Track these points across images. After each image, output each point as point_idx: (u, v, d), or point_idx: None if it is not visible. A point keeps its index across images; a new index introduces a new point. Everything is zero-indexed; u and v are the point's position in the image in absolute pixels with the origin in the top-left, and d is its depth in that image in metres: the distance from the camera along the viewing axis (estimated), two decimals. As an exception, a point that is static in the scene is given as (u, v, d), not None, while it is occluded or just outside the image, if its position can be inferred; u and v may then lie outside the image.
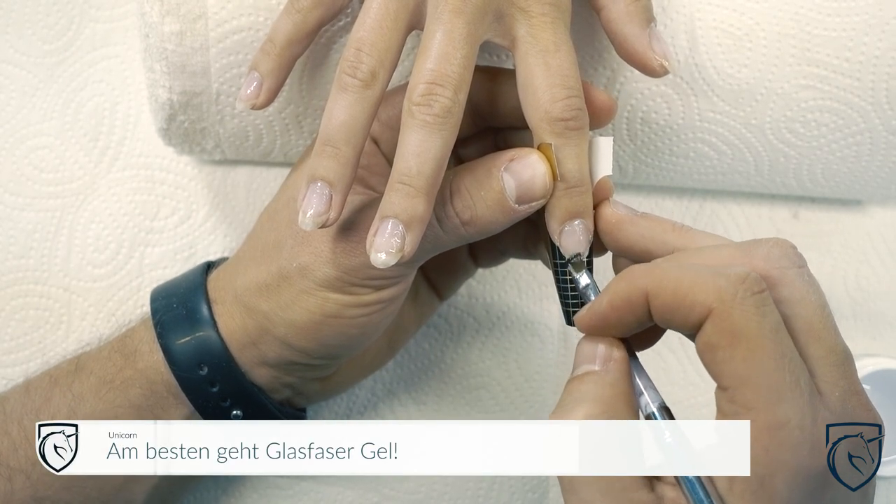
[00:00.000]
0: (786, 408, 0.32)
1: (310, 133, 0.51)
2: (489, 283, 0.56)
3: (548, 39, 0.39)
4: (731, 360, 0.33)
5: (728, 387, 0.33)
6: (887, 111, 0.48)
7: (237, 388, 0.44)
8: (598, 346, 0.37)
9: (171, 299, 0.45)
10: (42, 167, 0.56)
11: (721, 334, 0.33)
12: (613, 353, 0.36)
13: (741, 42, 0.47)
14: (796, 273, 0.35)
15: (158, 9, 0.46)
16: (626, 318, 0.36)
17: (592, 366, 0.36)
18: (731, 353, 0.33)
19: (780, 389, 0.32)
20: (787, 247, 0.36)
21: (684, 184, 0.54)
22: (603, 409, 0.35)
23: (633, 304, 0.35)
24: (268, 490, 0.55)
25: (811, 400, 0.33)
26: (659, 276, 0.35)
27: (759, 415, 0.32)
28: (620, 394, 0.36)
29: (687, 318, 0.34)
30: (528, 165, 0.39)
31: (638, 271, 0.36)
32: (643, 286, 0.35)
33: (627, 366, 0.37)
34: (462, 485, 0.55)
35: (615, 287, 0.36)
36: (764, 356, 0.32)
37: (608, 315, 0.36)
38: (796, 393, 0.32)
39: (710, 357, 0.33)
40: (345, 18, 0.45)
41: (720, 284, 0.33)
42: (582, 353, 0.37)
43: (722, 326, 0.33)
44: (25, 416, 0.45)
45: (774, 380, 0.32)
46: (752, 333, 0.33)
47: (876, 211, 0.57)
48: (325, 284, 0.42)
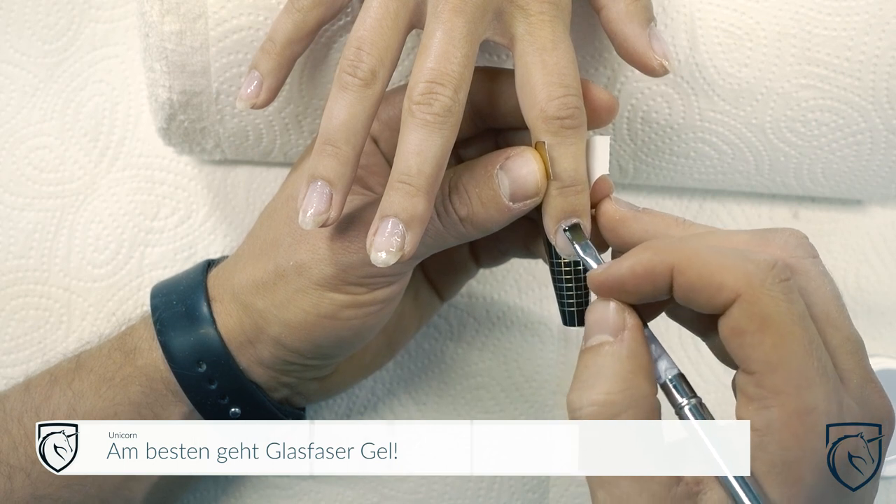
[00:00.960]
0: (814, 393, 0.32)
1: (310, 133, 0.51)
2: (489, 283, 0.56)
3: (545, 37, 0.39)
4: (760, 346, 0.33)
5: (755, 371, 0.33)
6: (888, 110, 0.48)
7: (235, 386, 0.44)
8: (610, 312, 0.36)
9: (171, 296, 0.45)
10: (42, 167, 0.56)
11: (750, 319, 0.33)
12: (627, 320, 0.36)
13: (741, 41, 0.47)
14: (811, 262, 0.35)
15: (158, 8, 0.46)
16: (643, 287, 0.35)
17: (606, 336, 0.36)
18: (761, 338, 0.33)
19: (809, 375, 0.32)
20: (801, 236, 0.36)
21: (684, 184, 0.54)
22: (624, 383, 0.34)
23: (655, 275, 0.35)
24: (268, 490, 0.55)
25: (836, 387, 0.33)
26: (688, 253, 0.34)
27: (788, 400, 0.32)
28: (639, 366, 0.35)
29: (712, 299, 0.34)
30: (522, 164, 0.39)
31: (665, 244, 0.35)
32: (670, 260, 0.34)
33: (642, 334, 0.36)
34: (462, 485, 0.55)
35: (640, 255, 0.35)
36: (793, 342, 0.33)
37: (626, 280, 0.35)
38: (823, 379, 0.33)
39: (737, 341, 0.33)
40: (345, 18, 0.45)
41: (749, 269, 0.33)
42: (593, 320, 0.36)
43: (751, 311, 0.33)
44: (25, 414, 0.45)
45: (803, 366, 0.32)
46: (781, 319, 0.33)
47: (876, 211, 0.57)
48: (321, 283, 0.42)
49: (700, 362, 0.55)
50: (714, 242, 0.36)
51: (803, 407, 0.32)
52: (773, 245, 0.35)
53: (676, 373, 0.36)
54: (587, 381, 0.35)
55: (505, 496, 0.55)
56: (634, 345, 0.35)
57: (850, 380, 0.34)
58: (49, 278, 0.55)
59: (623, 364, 0.35)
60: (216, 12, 0.46)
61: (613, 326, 0.36)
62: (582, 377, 0.35)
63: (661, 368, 0.36)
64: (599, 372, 0.35)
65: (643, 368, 0.35)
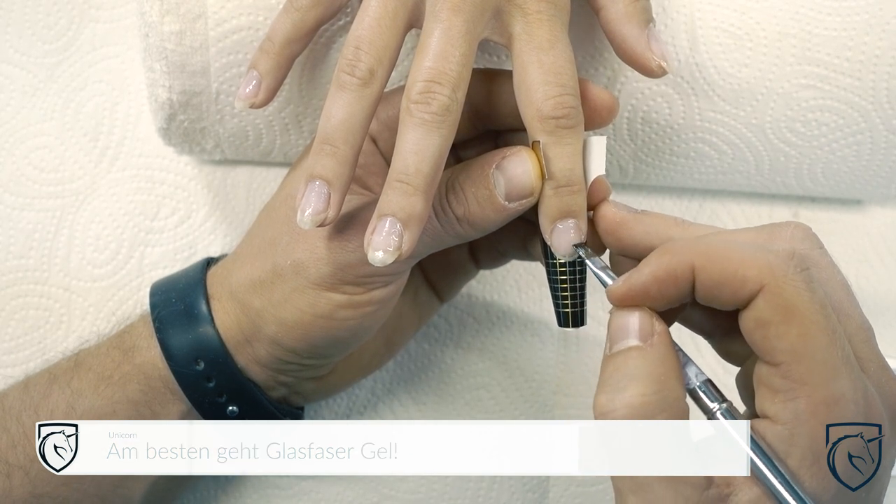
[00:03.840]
0: (841, 382, 0.32)
1: (310, 133, 0.51)
2: (489, 283, 0.56)
3: (543, 37, 0.39)
4: (785, 336, 0.33)
5: (781, 362, 0.33)
6: (888, 110, 0.48)
7: (233, 385, 0.44)
8: (636, 318, 0.35)
9: (170, 294, 0.46)
10: (42, 167, 0.56)
11: (774, 310, 0.33)
12: (656, 326, 0.35)
13: (742, 42, 0.47)
14: (820, 253, 0.35)
15: (158, 8, 0.46)
16: (667, 292, 0.35)
17: (634, 341, 0.35)
18: (786, 328, 0.33)
19: (835, 364, 0.32)
20: (806, 228, 0.36)
21: (684, 184, 0.54)
22: (657, 386, 0.34)
23: (677, 277, 0.35)
24: (268, 490, 0.55)
25: (860, 374, 0.33)
26: (707, 251, 0.34)
27: (815, 390, 0.32)
28: (671, 369, 0.35)
29: (736, 293, 0.33)
30: (517, 163, 0.39)
31: (684, 245, 0.35)
32: (689, 260, 0.34)
33: (671, 339, 0.36)
34: (462, 485, 0.55)
35: (659, 259, 0.35)
36: (818, 332, 0.32)
37: (649, 287, 0.35)
38: (848, 367, 0.33)
39: (761, 333, 0.33)
40: (344, 18, 0.46)
41: (771, 260, 0.33)
42: (618, 327, 0.36)
43: (775, 302, 0.33)
44: (24, 412, 0.45)
45: (829, 355, 0.32)
46: (805, 309, 0.33)
47: (876, 211, 0.57)
48: (318, 282, 0.42)
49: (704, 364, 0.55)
50: (721, 238, 0.36)
51: (831, 396, 0.32)
52: (782, 238, 0.36)
53: (705, 378, 0.36)
54: (618, 383, 0.34)
55: (505, 496, 0.55)
56: (665, 349, 0.35)
57: (868, 368, 0.34)
58: (49, 278, 0.55)
59: (656, 366, 0.35)
60: (216, 12, 0.46)
61: (642, 331, 0.35)
62: (612, 380, 0.35)
63: (690, 374, 0.36)
64: (632, 374, 0.34)
65: (674, 372, 0.35)
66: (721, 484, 0.33)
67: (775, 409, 0.33)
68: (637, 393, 0.34)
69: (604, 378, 0.35)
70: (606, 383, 0.35)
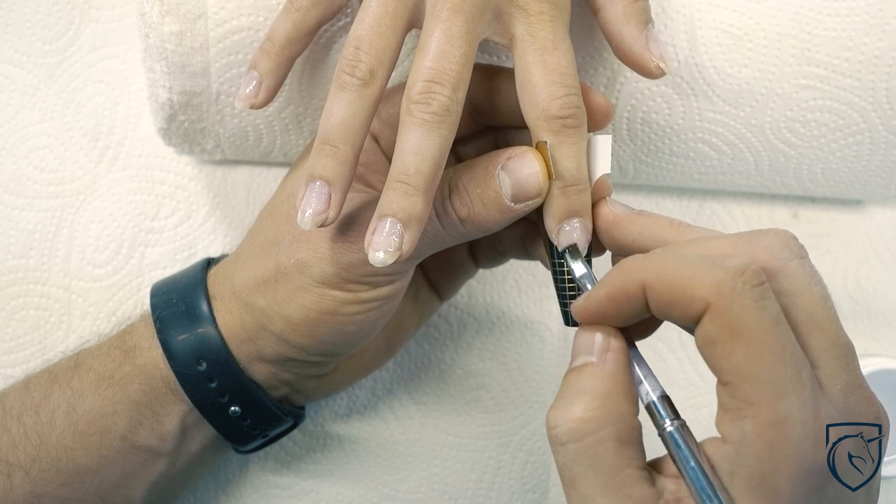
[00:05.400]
0: (787, 403, 0.32)
1: (310, 133, 0.51)
2: (489, 283, 0.56)
3: (546, 37, 0.39)
4: (731, 355, 0.32)
5: (728, 382, 0.33)
6: (887, 111, 0.48)
7: (235, 385, 0.44)
8: (595, 336, 0.36)
9: (171, 295, 0.46)
10: (42, 167, 0.56)
11: (720, 329, 0.32)
12: (611, 344, 0.36)
13: (741, 42, 0.47)
14: (798, 264, 0.35)
15: (158, 9, 0.46)
16: (623, 310, 0.35)
17: (590, 357, 0.36)
18: (731, 347, 0.32)
19: (782, 384, 0.32)
20: (787, 237, 0.35)
21: (684, 184, 0.54)
22: (602, 402, 0.34)
23: (630, 295, 0.34)
24: (268, 490, 0.55)
25: (813, 394, 0.32)
26: (656, 268, 0.34)
27: (760, 410, 0.32)
28: (619, 385, 0.35)
29: (685, 311, 0.33)
30: (523, 164, 0.39)
31: (634, 263, 0.35)
32: (640, 278, 0.34)
33: (626, 356, 0.36)
34: (462, 485, 0.55)
35: (612, 278, 0.35)
36: (764, 351, 0.32)
37: (605, 306, 0.35)
38: (798, 387, 0.32)
39: (709, 352, 0.33)
40: (344, 18, 0.46)
41: (718, 277, 0.32)
42: (580, 343, 0.36)
43: (721, 321, 0.32)
44: (25, 412, 0.45)
45: (775, 374, 0.32)
46: (751, 328, 0.32)
47: (876, 211, 0.57)
48: (322, 281, 0.42)
49: (699, 362, 0.55)
50: (694, 250, 0.36)
51: (776, 417, 0.32)
52: (757, 248, 0.35)
53: (660, 394, 0.35)
54: (567, 399, 0.35)
55: (505, 496, 0.55)
56: (616, 365, 0.35)
57: (832, 385, 0.33)
58: (49, 278, 0.55)
59: (603, 383, 0.35)
60: (216, 13, 0.46)
61: (597, 348, 0.36)
62: (563, 396, 0.35)
63: (643, 391, 0.36)
64: (580, 390, 0.35)
65: (623, 388, 0.35)
66: (671, 499, 0.34)
67: (725, 427, 0.33)
68: (583, 408, 0.34)
69: (558, 394, 0.35)
70: (558, 398, 0.35)
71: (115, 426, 0.44)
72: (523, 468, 0.55)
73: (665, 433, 0.35)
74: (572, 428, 0.34)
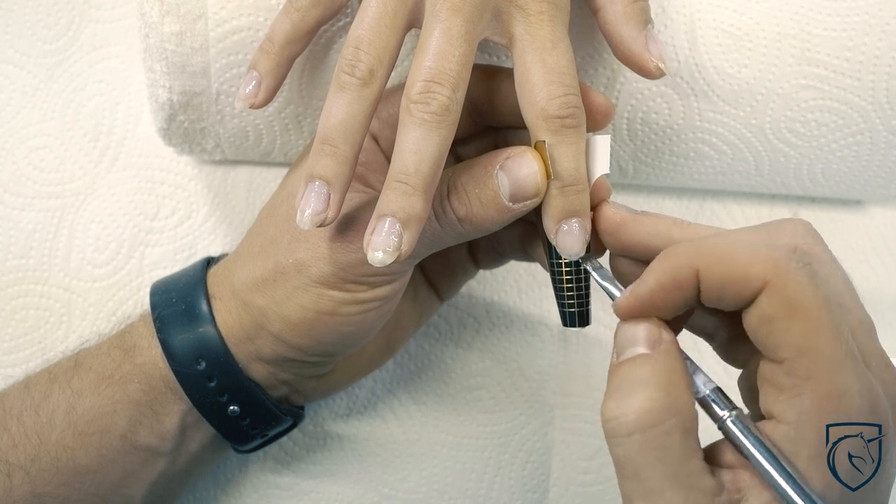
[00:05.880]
0: (846, 377, 0.32)
1: (310, 133, 0.51)
2: (489, 283, 0.56)
3: (545, 37, 0.39)
4: (789, 331, 0.32)
5: (785, 359, 0.33)
6: (887, 111, 0.48)
7: (234, 384, 0.44)
8: (643, 328, 0.35)
9: (171, 294, 0.46)
10: (42, 167, 0.56)
11: (778, 305, 0.33)
12: (663, 335, 0.35)
13: (741, 42, 0.47)
14: (822, 249, 0.35)
15: (158, 9, 0.46)
16: (673, 298, 0.35)
17: (642, 348, 0.35)
18: (789, 324, 0.32)
19: (840, 359, 0.32)
20: (807, 225, 0.36)
21: (684, 184, 0.54)
22: (665, 391, 0.34)
23: (681, 282, 0.34)
24: (268, 490, 0.55)
25: (864, 369, 0.33)
26: (709, 252, 0.34)
27: (819, 385, 0.32)
28: (679, 377, 0.34)
29: (741, 292, 0.33)
30: (522, 163, 0.39)
31: (686, 248, 0.35)
32: (692, 263, 0.34)
33: (679, 347, 0.35)
34: (462, 485, 0.55)
35: (661, 267, 0.35)
36: (821, 326, 0.32)
37: (655, 296, 0.35)
38: (852, 360, 0.32)
39: (765, 329, 0.33)
40: (344, 18, 0.46)
41: (774, 256, 0.33)
42: (626, 336, 0.36)
43: (779, 297, 0.33)
44: (25, 412, 0.45)
45: (832, 349, 0.32)
46: (809, 304, 0.32)
47: (876, 211, 0.57)
48: (320, 281, 0.42)
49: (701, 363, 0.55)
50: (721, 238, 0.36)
51: (835, 390, 0.32)
52: (784, 234, 0.35)
53: (714, 386, 0.35)
54: (626, 390, 0.34)
55: (505, 496, 0.55)
56: (673, 357, 0.35)
57: (870, 362, 0.34)
58: (49, 278, 0.55)
59: (665, 373, 0.34)
60: (216, 13, 0.46)
61: (649, 340, 0.35)
62: (620, 387, 0.34)
63: (699, 382, 0.35)
64: (640, 380, 0.34)
65: (683, 379, 0.34)
66: (731, 489, 0.33)
67: (780, 407, 0.33)
68: (646, 398, 0.33)
69: (612, 386, 0.35)
70: (615, 390, 0.34)
71: (114, 425, 0.44)
72: (523, 468, 0.55)
73: (726, 423, 0.34)
74: (638, 418, 0.33)
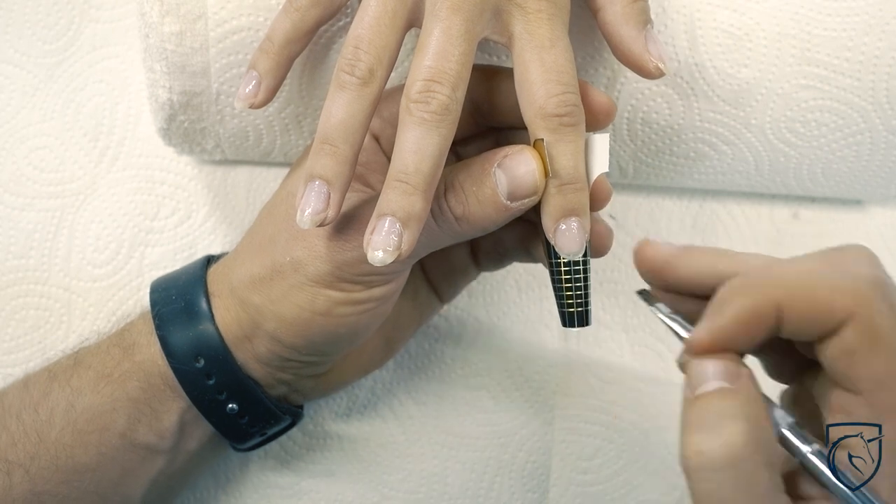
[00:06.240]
0: None
1: (310, 133, 0.51)
2: (489, 283, 0.56)
3: (544, 35, 0.39)
4: (870, 363, 0.32)
5: (865, 391, 0.32)
6: (887, 111, 0.48)
7: (233, 382, 0.44)
8: (722, 362, 0.34)
9: (170, 291, 0.46)
10: (42, 167, 0.56)
11: (862, 338, 0.32)
12: (741, 370, 0.34)
13: (741, 42, 0.47)
14: (886, 276, 0.34)
15: (158, 9, 0.46)
16: (754, 333, 0.34)
17: (722, 382, 0.34)
18: (872, 357, 0.32)
19: None
20: (870, 253, 0.35)
21: (684, 184, 0.54)
22: (752, 426, 0.33)
23: (762, 316, 0.33)
24: (268, 490, 0.55)
25: None
26: (791, 284, 0.33)
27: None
28: (761, 410, 0.34)
29: (825, 325, 0.32)
30: (520, 162, 0.39)
31: (763, 283, 0.34)
32: (774, 296, 0.33)
33: (756, 381, 0.34)
34: (462, 485, 0.55)
35: (739, 302, 0.34)
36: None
37: (734, 332, 0.34)
38: None
39: (847, 362, 0.32)
40: (344, 18, 0.46)
41: (860, 287, 0.32)
42: (703, 371, 0.34)
43: (863, 330, 0.32)
44: (24, 410, 0.45)
45: None
46: (889, 335, 0.32)
47: (876, 211, 0.57)
48: (317, 280, 0.42)
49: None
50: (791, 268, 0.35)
51: None
52: (851, 262, 0.34)
53: (793, 420, 0.34)
54: (710, 424, 0.33)
55: (505, 496, 0.55)
56: (753, 391, 0.34)
57: None
58: (49, 278, 0.55)
59: (749, 406, 0.33)
60: (216, 13, 0.46)
61: (728, 373, 0.34)
62: (702, 421, 0.33)
63: (777, 416, 0.34)
64: (725, 415, 0.33)
65: (764, 413, 0.34)
66: None
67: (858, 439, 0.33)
68: (735, 431, 0.32)
69: (692, 420, 0.34)
70: (697, 424, 0.33)
71: (113, 423, 0.44)
72: (523, 468, 0.55)
73: (808, 458, 0.34)
74: (727, 453, 0.32)
